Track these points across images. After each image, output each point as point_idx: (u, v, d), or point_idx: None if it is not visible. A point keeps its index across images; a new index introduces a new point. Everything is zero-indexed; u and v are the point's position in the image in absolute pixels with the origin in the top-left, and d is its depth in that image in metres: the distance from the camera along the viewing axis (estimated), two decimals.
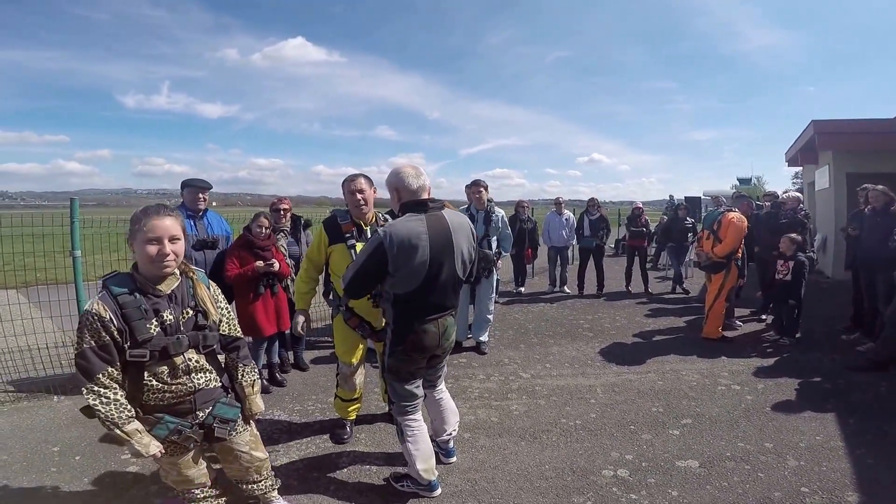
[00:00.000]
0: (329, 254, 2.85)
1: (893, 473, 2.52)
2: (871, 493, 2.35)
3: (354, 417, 3.16)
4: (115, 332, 1.66)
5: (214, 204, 4.00)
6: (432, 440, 2.76)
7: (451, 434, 2.73)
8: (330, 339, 5.22)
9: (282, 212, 4.27)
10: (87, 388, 1.65)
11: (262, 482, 2.18)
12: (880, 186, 4.62)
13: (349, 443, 3.04)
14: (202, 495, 2.05)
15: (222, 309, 1.98)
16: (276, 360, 4.13)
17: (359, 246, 2.78)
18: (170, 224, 1.73)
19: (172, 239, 1.73)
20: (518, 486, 2.54)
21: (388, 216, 3.05)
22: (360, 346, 2.97)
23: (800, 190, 10.48)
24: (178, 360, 1.79)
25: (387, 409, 3.32)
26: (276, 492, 2.27)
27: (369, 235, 2.80)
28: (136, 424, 1.72)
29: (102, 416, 1.65)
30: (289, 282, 4.06)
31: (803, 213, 5.85)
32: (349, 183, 2.80)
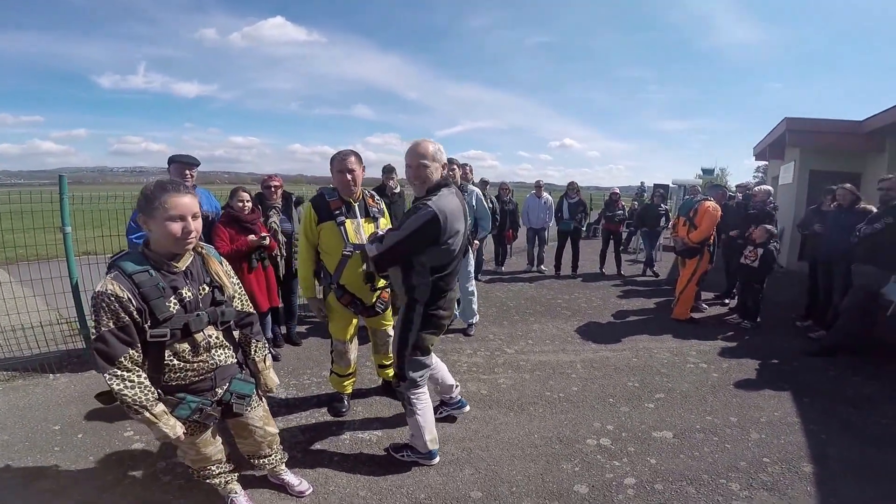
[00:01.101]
0: (318, 232, 2.84)
1: (841, 448, 2.82)
2: (824, 465, 2.64)
3: (351, 391, 3.26)
4: (135, 313, 1.61)
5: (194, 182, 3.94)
6: (444, 404, 3.04)
7: (456, 386, 2.98)
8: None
9: (273, 188, 4.25)
10: (109, 374, 1.60)
11: (273, 456, 2.25)
12: (848, 185, 4.92)
13: (347, 415, 3.15)
14: (217, 471, 2.10)
15: (235, 284, 1.97)
16: (269, 335, 4.18)
17: (348, 223, 2.80)
18: (189, 201, 1.69)
19: (194, 216, 1.70)
20: (511, 454, 2.73)
21: (373, 192, 3.08)
22: (353, 322, 3.04)
23: (761, 183, 11.00)
24: (199, 336, 1.78)
25: (380, 381, 3.46)
26: (284, 465, 2.35)
27: (357, 212, 2.84)
28: (162, 406, 1.71)
29: (129, 400, 1.62)
30: (279, 260, 4.11)
31: (772, 205, 6.20)
32: (339, 162, 2.77)
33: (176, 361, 1.74)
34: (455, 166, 4.93)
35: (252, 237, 3.69)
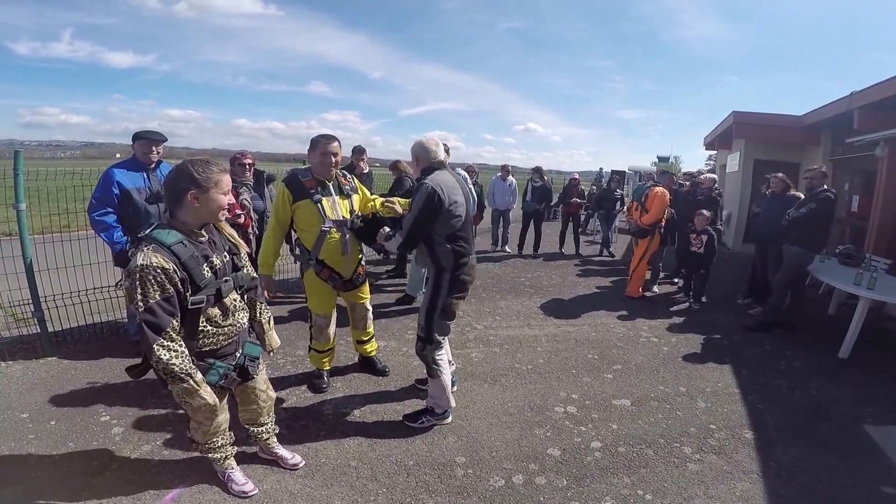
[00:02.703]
0: (294, 210, 2.91)
1: (776, 416, 3.17)
2: (761, 431, 2.97)
3: (329, 367, 3.36)
4: (179, 283, 1.68)
5: (118, 155, 3.73)
6: None
7: (453, 365, 3.19)
8: (288, 295, 5.27)
9: (246, 166, 4.19)
10: (157, 345, 1.63)
11: (269, 424, 2.34)
12: (780, 174, 5.42)
13: (327, 392, 3.24)
14: (221, 443, 2.15)
15: (245, 249, 2.08)
16: None
17: (324, 200, 2.89)
18: (229, 179, 1.86)
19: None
20: (488, 423, 2.93)
21: (345, 171, 3.17)
22: (332, 296, 3.12)
23: (712, 171, 11.73)
24: (227, 301, 1.89)
25: (357, 358, 3.56)
26: (275, 438, 2.43)
27: (332, 191, 2.95)
28: (200, 374, 1.77)
29: (178, 369, 1.66)
30: (251, 237, 4.07)
31: (717, 191, 6.68)
32: (325, 145, 2.86)
33: (209, 327, 1.84)
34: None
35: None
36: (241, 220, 3.75)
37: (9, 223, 3.76)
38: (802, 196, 4.93)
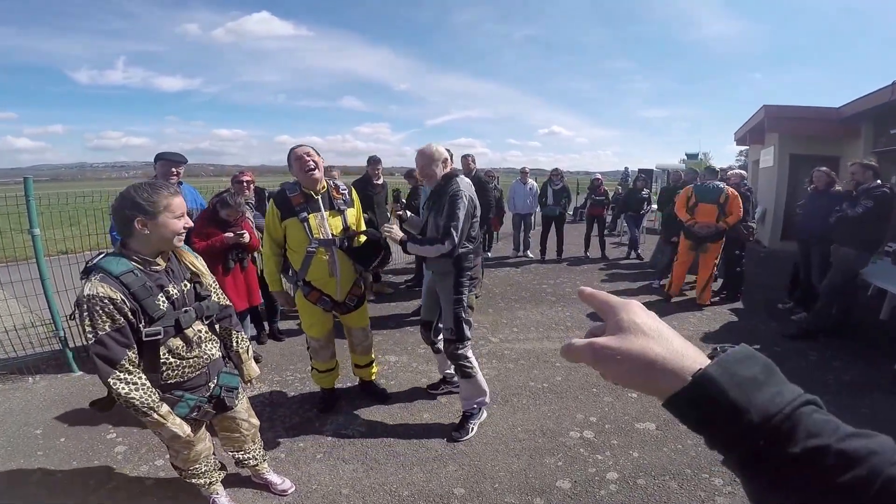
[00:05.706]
0: (284, 229, 2.73)
1: None
2: None
3: (333, 386, 3.22)
4: (129, 313, 1.61)
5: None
6: (445, 381, 3.37)
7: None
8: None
9: (244, 184, 4.11)
10: (114, 378, 1.59)
11: (256, 451, 2.26)
12: (823, 168, 4.95)
13: (332, 411, 3.12)
14: (204, 468, 2.09)
15: (208, 277, 1.98)
16: (251, 334, 4.08)
17: (311, 218, 2.68)
18: (182, 201, 1.75)
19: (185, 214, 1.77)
20: (494, 449, 2.71)
21: (338, 184, 2.91)
22: (326, 318, 2.95)
23: (743, 167, 11.17)
24: (190, 332, 1.80)
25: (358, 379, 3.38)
26: (266, 464, 2.34)
27: (321, 205, 2.73)
28: (167, 406, 1.72)
29: (138, 403, 1.61)
30: (257, 255, 3.96)
31: (745, 187, 6.24)
32: (296, 150, 2.67)
33: (172, 359, 1.76)
34: (469, 160, 6.02)
35: (228, 234, 3.53)
36: (245, 238, 3.61)
37: (53, 244, 3.87)
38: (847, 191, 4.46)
